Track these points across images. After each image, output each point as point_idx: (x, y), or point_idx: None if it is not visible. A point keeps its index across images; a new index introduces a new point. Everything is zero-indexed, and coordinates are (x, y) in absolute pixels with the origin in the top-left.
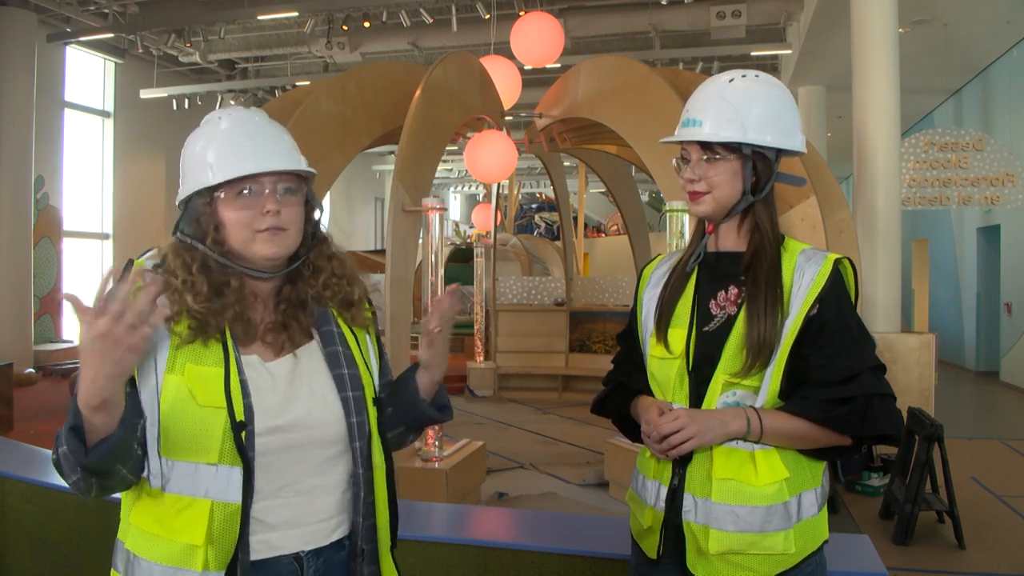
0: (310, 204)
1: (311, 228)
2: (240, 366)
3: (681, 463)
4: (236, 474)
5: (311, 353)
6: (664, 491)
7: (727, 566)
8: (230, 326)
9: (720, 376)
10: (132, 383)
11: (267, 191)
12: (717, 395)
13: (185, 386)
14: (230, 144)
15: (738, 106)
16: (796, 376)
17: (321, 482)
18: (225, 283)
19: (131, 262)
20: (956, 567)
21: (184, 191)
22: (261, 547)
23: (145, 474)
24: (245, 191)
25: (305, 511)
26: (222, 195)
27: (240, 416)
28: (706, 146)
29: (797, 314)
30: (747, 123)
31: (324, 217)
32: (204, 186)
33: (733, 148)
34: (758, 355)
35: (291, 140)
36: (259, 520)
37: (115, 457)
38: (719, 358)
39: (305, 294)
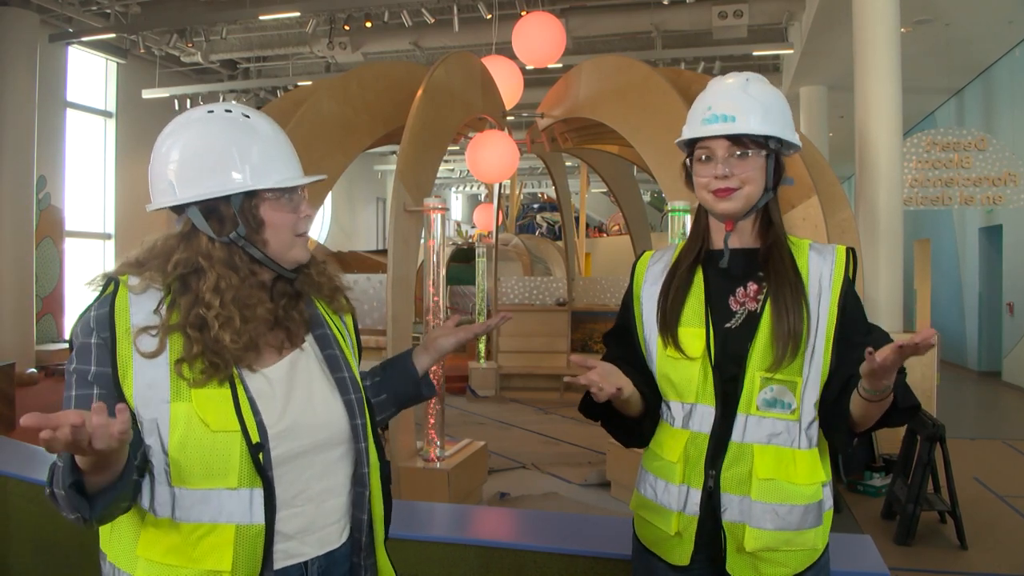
0: None
1: None
2: (245, 383)
3: (713, 464)
4: (257, 495)
5: (307, 357)
6: (696, 494)
7: (764, 564)
8: (240, 358)
9: (755, 373)
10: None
11: (300, 197)
12: (756, 393)
13: (196, 414)
14: (278, 148)
15: (764, 103)
16: (850, 361)
17: (328, 485)
18: (249, 304)
19: (113, 281)
20: (958, 567)
21: (226, 187)
22: (280, 556)
23: (147, 504)
24: (286, 196)
25: (317, 516)
26: (269, 196)
27: (255, 438)
28: (737, 141)
29: (830, 306)
30: (774, 119)
31: (326, 217)
32: (269, 186)
33: (760, 143)
34: (787, 347)
35: None
36: (278, 531)
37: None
38: (747, 355)
39: (301, 285)
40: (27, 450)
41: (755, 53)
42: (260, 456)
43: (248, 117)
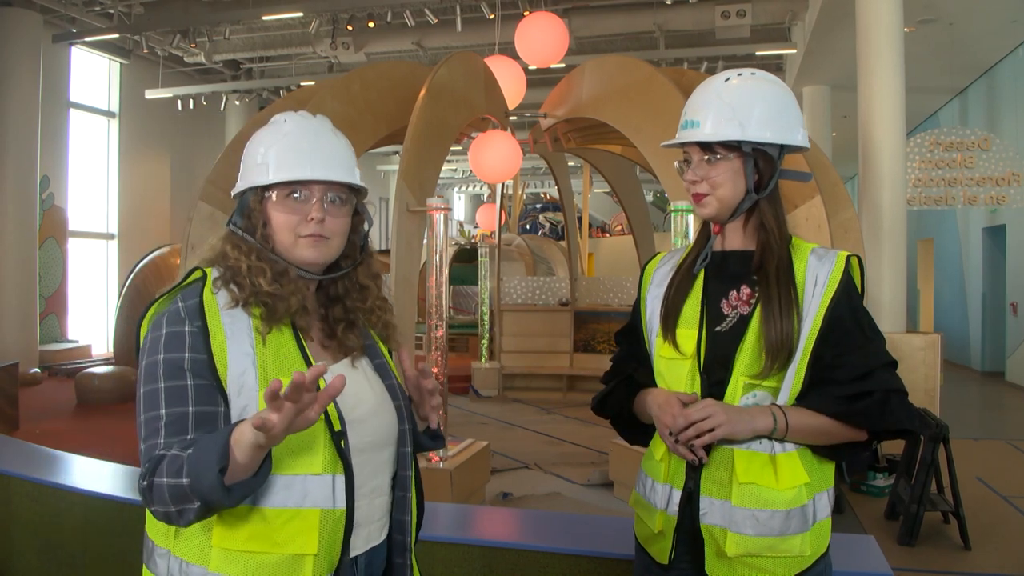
0: (359, 216)
1: (359, 240)
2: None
3: (694, 466)
4: (339, 481)
5: (362, 363)
6: (677, 495)
7: (745, 568)
8: (295, 318)
9: (740, 378)
10: (226, 401)
11: (315, 199)
12: (738, 397)
13: None
14: (289, 147)
15: (735, 104)
16: (812, 375)
17: (378, 484)
18: (283, 272)
19: (199, 270)
20: (961, 568)
21: (239, 185)
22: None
23: None
24: (295, 195)
25: (368, 512)
26: (273, 195)
27: (338, 426)
28: (706, 147)
29: (816, 314)
30: (745, 121)
31: None
32: (258, 184)
33: (733, 147)
34: (777, 356)
35: (350, 152)
36: None
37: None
38: (734, 359)
39: (355, 316)
40: (30, 450)
41: (758, 53)
42: (342, 443)
43: (285, 121)
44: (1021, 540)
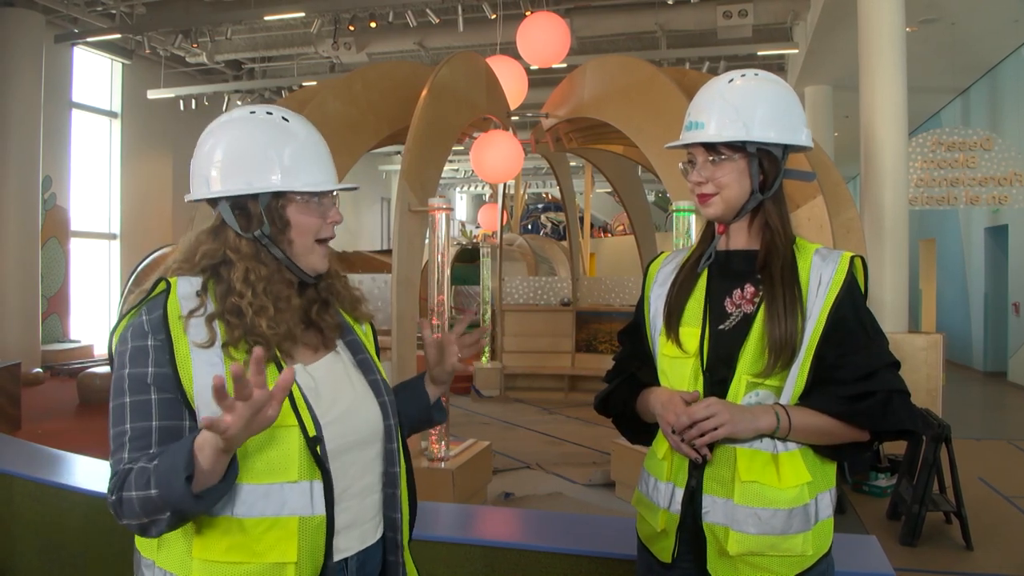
0: None
1: None
2: (296, 379)
3: (697, 464)
4: (317, 487)
5: (342, 359)
6: (680, 493)
7: (747, 567)
8: (280, 343)
9: (743, 377)
10: (192, 415)
11: (330, 201)
12: (741, 396)
13: None
14: (312, 152)
15: (739, 105)
16: (815, 374)
17: (367, 482)
18: (282, 296)
19: (163, 282)
20: (964, 568)
21: (252, 186)
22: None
23: None
24: (316, 198)
25: (359, 512)
26: (297, 198)
27: (312, 431)
28: (711, 147)
29: (820, 314)
30: (749, 121)
31: None
32: (291, 189)
33: (738, 147)
34: (780, 355)
35: None
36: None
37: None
38: (737, 358)
39: (327, 293)
40: (32, 450)
41: (760, 53)
42: (318, 448)
43: (287, 120)
44: (1023, 540)
